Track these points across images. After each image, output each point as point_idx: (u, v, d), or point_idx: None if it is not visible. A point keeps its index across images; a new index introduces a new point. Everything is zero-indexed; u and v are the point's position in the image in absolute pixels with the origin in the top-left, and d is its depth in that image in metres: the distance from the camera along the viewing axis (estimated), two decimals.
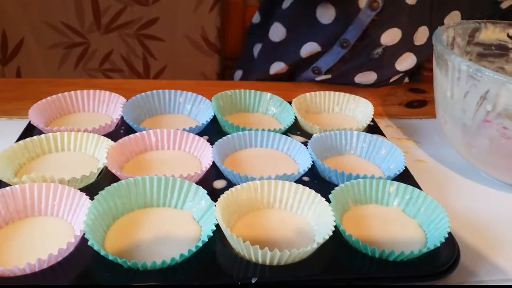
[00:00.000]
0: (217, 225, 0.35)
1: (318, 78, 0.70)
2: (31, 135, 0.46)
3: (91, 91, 0.54)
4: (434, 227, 0.38)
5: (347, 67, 0.68)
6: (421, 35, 0.67)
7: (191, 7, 1.28)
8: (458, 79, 0.43)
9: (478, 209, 0.45)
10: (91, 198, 0.36)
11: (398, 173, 0.43)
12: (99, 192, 0.37)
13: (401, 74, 0.71)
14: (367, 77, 0.69)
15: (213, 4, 1.27)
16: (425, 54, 0.70)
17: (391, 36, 0.65)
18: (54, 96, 0.52)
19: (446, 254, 0.36)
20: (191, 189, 0.39)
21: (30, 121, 0.49)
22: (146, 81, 0.63)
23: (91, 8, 1.26)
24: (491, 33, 0.53)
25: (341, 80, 0.69)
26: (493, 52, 0.55)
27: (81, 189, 0.39)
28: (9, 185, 0.39)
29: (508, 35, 0.54)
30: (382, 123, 0.58)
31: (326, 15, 0.65)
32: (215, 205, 0.36)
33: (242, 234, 0.34)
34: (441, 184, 0.48)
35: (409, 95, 0.68)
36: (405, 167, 0.45)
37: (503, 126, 0.41)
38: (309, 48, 0.67)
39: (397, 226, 0.39)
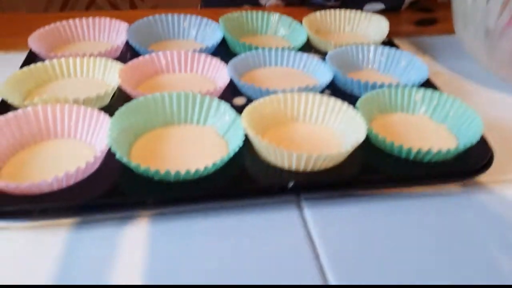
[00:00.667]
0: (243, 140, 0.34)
1: (328, 4, 0.67)
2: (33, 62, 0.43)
3: (90, 18, 0.51)
4: (465, 129, 0.37)
5: None
6: None
7: None
8: None
9: (502, 117, 0.44)
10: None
11: (422, 81, 0.42)
12: (119, 108, 0.35)
13: (406, 5, 0.68)
14: (376, 7, 0.66)
15: None
16: None
17: None
18: (52, 25, 0.49)
19: (480, 154, 0.35)
20: (213, 104, 0.37)
21: (31, 49, 0.46)
22: (143, 11, 0.59)
23: None
24: None
25: (350, 7, 0.66)
26: None
27: None
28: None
29: None
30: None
31: None
32: (240, 118, 0.35)
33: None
34: (462, 94, 0.47)
35: (418, 15, 0.66)
36: (428, 78, 0.44)
37: None
38: None
39: (426, 132, 0.38)
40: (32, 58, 0.47)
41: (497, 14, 0.41)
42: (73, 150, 0.35)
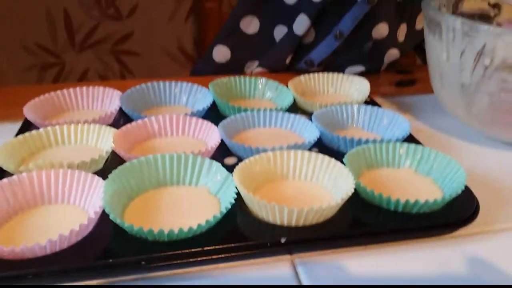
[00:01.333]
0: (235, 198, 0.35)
1: (312, 69, 0.70)
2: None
3: (84, 87, 0.53)
4: (450, 180, 0.38)
5: (339, 60, 0.69)
6: (402, 32, 0.69)
7: (166, 18, 1.28)
8: (453, 40, 0.44)
9: (484, 168, 0.45)
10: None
11: (405, 135, 0.44)
12: (112, 171, 0.36)
13: (385, 67, 0.72)
14: (356, 69, 0.69)
15: (188, 13, 1.27)
16: (405, 50, 0.71)
17: (380, 30, 0.67)
18: (46, 94, 0.51)
19: (466, 204, 0.36)
20: (205, 164, 0.38)
21: (26, 118, 0.48)
22: (133, 81, 0.62)
23: (64, 26, 1.25)
24: (473, 2, 0.55)
25: (332, 71, 0.69)
26: (477, 21, 0.56)
27: None
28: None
29: (489, 4, 0.56)
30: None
31: None
32: (232, 176, 0.36)
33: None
34: (443, 149, 0.49)
35: (397, 76, 0.69)
36: (410, 133, 0.46)
37: (502, 80, 0.42)
38: (302, 26, 0.66)
39: (412, 185, 0.40)
40: (27, 127, 0.48)
41: (471, 68, 0.44)
42: (67, 215, 0.35)
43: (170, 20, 1.28)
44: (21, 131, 0.47)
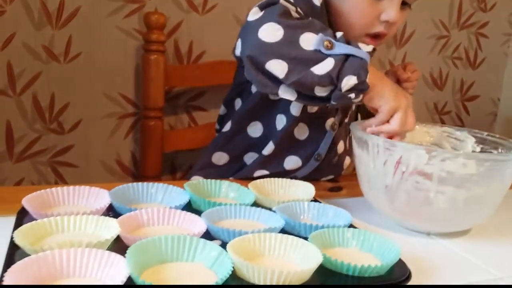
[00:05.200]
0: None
1: None
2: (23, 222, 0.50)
3: (71, 187, 0.60)
4: (387, 253, 0.50)
5: (315, 174, 0.85)
6: (348, 142, 0.89)
7: (106, 134, 1.37)
8: (377, 153, 0.59)
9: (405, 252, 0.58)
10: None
11: (348, 224, 0.56)
12: (130, 246, 0.43)
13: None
14: (328, 177, 0.87)
15: (128, 130, 1.37)
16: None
17: (341, 146, 0.86)
18: (38, 192, 0.57)
19: (400, 270, 0.48)
20: (199, 243, 0.47)
21: (19, 212, 0.53)
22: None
23: (5, 137, 1.29)
24: None
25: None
26: None
27: None
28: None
29: None
30: None
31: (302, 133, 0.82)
32: (225, 251, 0.45)
33: None
34: None
35: (328, 184, 0.84)
36: (351, 224, 0.59)
37: (415, 181, 0.57)
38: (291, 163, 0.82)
39: (359, 259, 0.51)
40: (21, 219, 0.53)
41: (392, 173, 0.59)
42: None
43: (110, 137, 1.37)
44: (17, 222, 0.53)
